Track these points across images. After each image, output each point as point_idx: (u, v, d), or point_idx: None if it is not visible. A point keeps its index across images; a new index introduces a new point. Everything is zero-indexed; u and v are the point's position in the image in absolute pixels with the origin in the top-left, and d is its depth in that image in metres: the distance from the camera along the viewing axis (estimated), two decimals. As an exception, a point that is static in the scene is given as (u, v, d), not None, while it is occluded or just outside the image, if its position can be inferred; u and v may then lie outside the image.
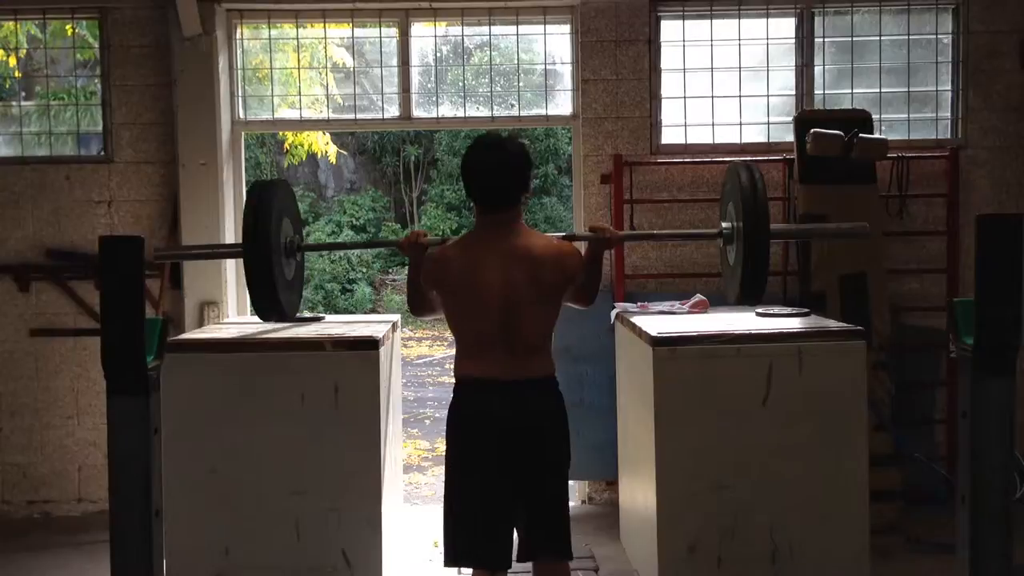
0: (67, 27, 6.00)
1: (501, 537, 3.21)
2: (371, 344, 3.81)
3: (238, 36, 5.73)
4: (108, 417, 2.79)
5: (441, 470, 7.78)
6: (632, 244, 5.55)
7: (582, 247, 3.47)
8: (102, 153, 5.69)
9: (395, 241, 3.70)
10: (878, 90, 5.70)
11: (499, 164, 3.23)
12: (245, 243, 3.78)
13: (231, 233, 5.65)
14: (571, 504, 3.92)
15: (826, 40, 5.72)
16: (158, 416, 2.86)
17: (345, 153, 17.35)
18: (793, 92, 5.71)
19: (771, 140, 5.69)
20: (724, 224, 3.98)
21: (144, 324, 2.72)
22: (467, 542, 3.23)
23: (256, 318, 5.39)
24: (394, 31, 5.74)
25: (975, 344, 2.83)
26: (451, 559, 3.28)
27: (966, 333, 2.87)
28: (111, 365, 2.72)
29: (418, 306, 3.45)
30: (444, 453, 3.34)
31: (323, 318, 4.62)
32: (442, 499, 3.32)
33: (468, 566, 3.34)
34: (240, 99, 5.76)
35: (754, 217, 3.67)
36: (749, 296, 3.83)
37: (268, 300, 3.82)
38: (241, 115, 5.77)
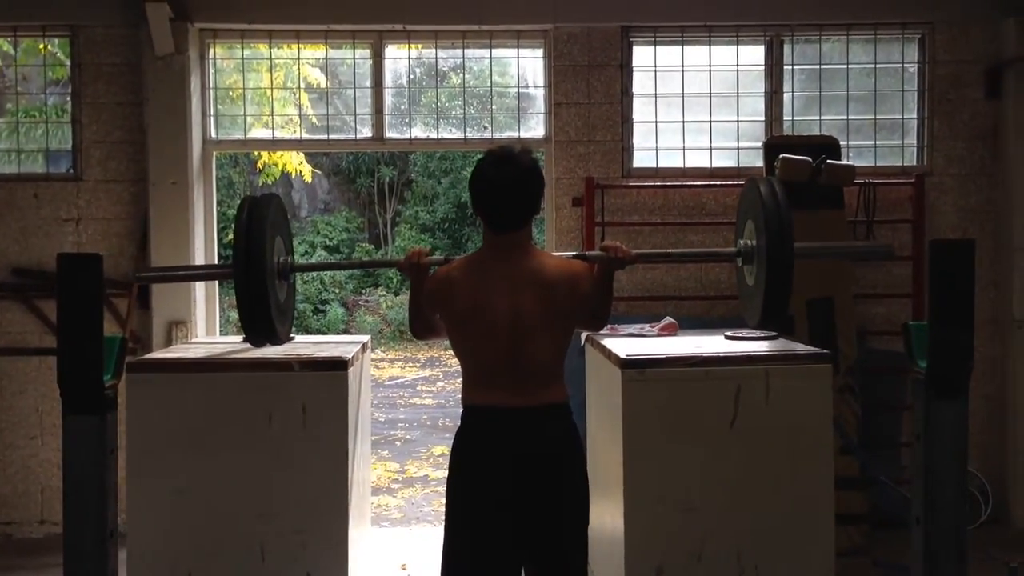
0: (39, 45, 5.98)
1: (506, 570, 3.03)
2: (340, 365, 3.79)
3: (211, 55, 5.73)
4: (63, 436, 2.75)
5: (411, 492, 7.71)
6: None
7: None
8: (71, 171, 5.66)
9: (395, 262, 3.51)
10: (846, 117, 5.79)
11: (510, 183, 3.05)
12: (237, 265, 3.58)
13: (201, 252, 5.63)
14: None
15: (795, 67, 5.81)
16: (115, 436, 2.82)
17: (319, 173, 17.32)
18: (763, 118, 5.78)
19: (741, 165, 5.75)
20: (742, 242, 3.84)
21: (102, 342, 2.68)
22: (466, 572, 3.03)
23: (224, 338, 5.36)
24: (368, 53, 5.76)
25: (928, 367, 2.86)
26: None
27: (920, 356, 2.90)
28: (67, 384, 2.68)
29: (420, 329, 3.30)
30: (445, 486, 3.13)
31: (292, 338, 4.59)
32: (413, 521, 3.24)
33: None
34: (212, 118, 5.75)
35: (779, 234, 3.50)
36: (771, 318, 3.70)
37: (261, 326, 3.68)
38: (213, 134, 5.76)
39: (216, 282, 5.80)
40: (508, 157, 3.09)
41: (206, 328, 5.66)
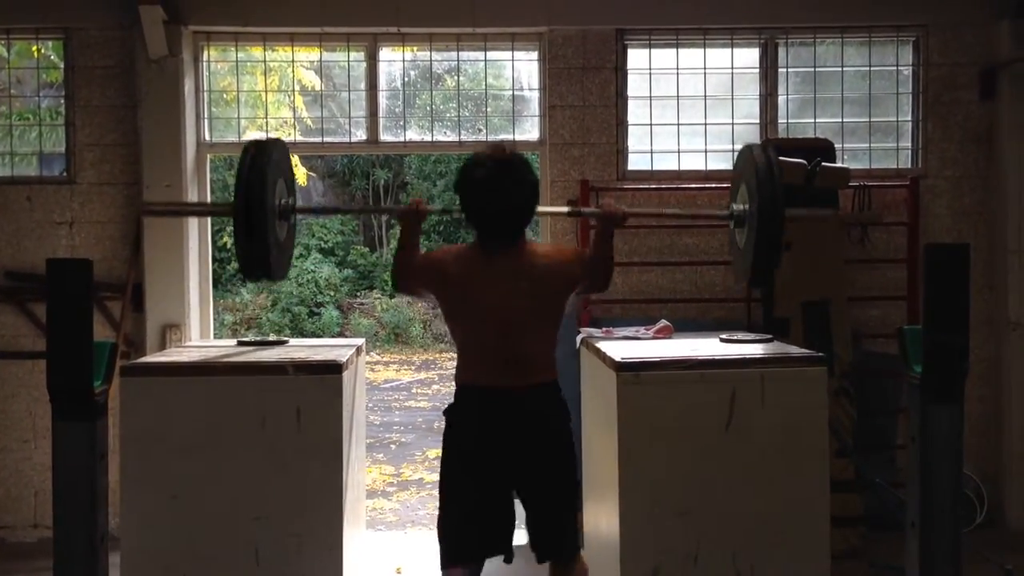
0: (33, 48, 5.96)
1: (500, 532, 3.20)
2: (334, 368, 3.78)
3: (205, 58, 5.72)
4: (53, 443, 2.73)
5: (406, 495, 7.71)
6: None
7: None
8: (64, 174, 5.64)
9: (395, 208, 3.64)
10: (840, 120, 5.79)
11: (510, 194, 3.14)
12: (238, 201, 3.53)
13: (195, 255, 5.62)
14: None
15: (790, 70, 5.81)
16: (105, 441, 2.80)
17: (314, 176, 17.30)
18: (757, 121, 5.79)
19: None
20: (735, 206, 3.88)
21: (92, 348, 2.67)
22: (464, 539, 3.20)
23: (219, 341, 5.35)
24: (362, 55, 5.75)
25: (923, 371, 2.85)
26: (449, 559, 3.25)
27: (915, 361, 2.90)
28: (57, 390, 2.66)
29: (403, 278, 3.36)
30: (440, 456, 3.34)
31: (287, 342, 4.59)
32: (408, 524, 3.29)
33: (466, 562, 3.26)
34: (206, 121, 5.73)
35: (770, 197, 3.56)
36: (759, 278, 3.78)
37: (257, 260, 3.61)
38: (207, 137, 5.74)
39: (210, 286, 5.77)
40: (503, 164, 3.13)
41: (200, 331, 5.65)
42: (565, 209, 4.49)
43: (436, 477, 3.44)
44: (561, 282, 3.22)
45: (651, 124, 5.75)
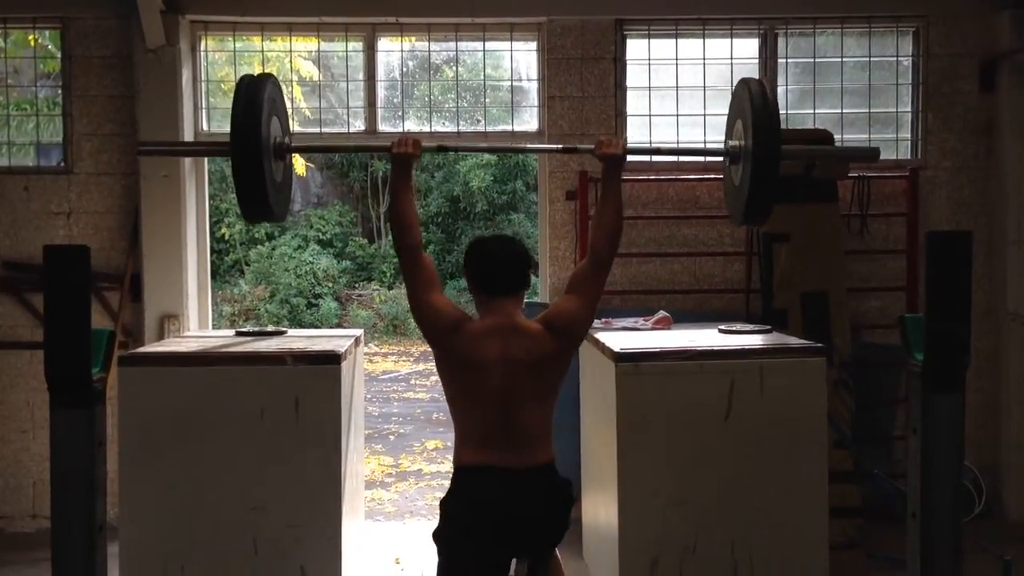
0: (30, 37, 5.94)
1: None
2: (332, 359, 3.78)
3: (202, 48, 5.70)
4: (51, 430, 2.72)
5: (404, 486, 7.72)
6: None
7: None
8: (62, 164, 5.62)
9: (386, 146, 3.43)
10: (840, 110, 5.78)
11: (511, 252, 3.16)
12: (233, 141, 3.43)
13: (193, 245, 5.61)
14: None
15: (789, 61, 5.80)
16: (103, 430, 2.79)
17: (312, 167, 17.28)
18: (757, 111, 5.76)
19: (735, 158, 5.73)
20: (731, 142, 3.75)
21: (90, 336, 2.66)
22: None
23: (217, 332, 5.34)
24: (360, 45, 5.73)
25: (925, 360, 2.84)
26: None
27: (916, 349, 2.88)
28: (55, 377, 2.65)
29: (398, 217, 3.21)
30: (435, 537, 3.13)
31: (285, 332, 4.58)
32: (406, 515, 3.24)
33: None
34: (204, 111, 5.71)
35: (766, 132, 3.43)
36: (754, 215, 3.64)
37: (257, 201, 3.53)
38: (204, 127, 5.72)
39: (208, 276, 5.77)
40: (504, 237, 3.30)
41: (198, 322, 5.64)
42: (559, 146, 4.39)
43: (435, 468, 3.42)
44: (559, 328, 3.08)
45: (650, 115, 5.73)
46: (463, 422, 3.08)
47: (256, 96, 3.45)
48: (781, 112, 5.69)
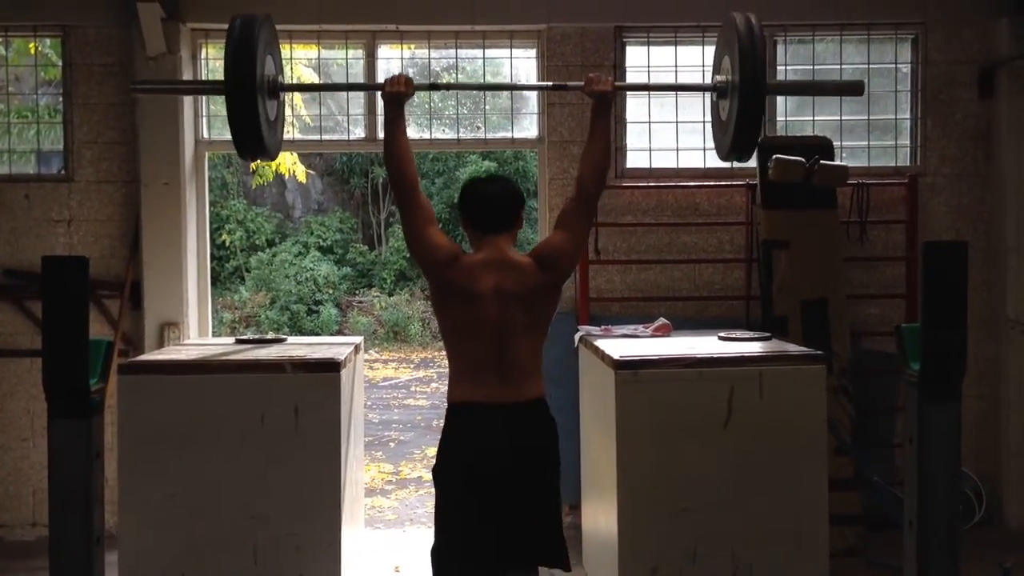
0: (31, 45, 5.95)
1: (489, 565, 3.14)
2: (332, 366, 3.78)
3: (203, 55, 5.71)
4: (49, 441, 2.73)
5: (405, 494, 7.70)
6: (596, 268, 5.58)
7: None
8: (62, 172, 5.63)
9: (380, 85, 3.53)
10: (839, 117, 5.79)
11: (503, 191, 3.32)
12: (228, 78, 3.47)
13: (193, 253, 5.61)
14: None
15: (788, 67, 5.80)
16: (101, 440, 2.79)
17: (313, 173, 17.29)
18: (756, 118, 5.76)
19: (734, 165, 5.73)
20: (718, 77, 3.78)
21: (88, 346, 2.66)
22: (455, 570, 3.15)
23: (217, 339, 5.35)
24: (361, 53, 5.75)
25: (921, 370, 2.85)
26: None
27: (913, 359, 2.89)
28: (53, 388, 2.66)
29: (393, 155, 3.31)
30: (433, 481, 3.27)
31: (285, 339, 4.59)
32: (407, 523, 3.28)
33: None
34: (204, 119, 5.73)
35: (751, 67, 3.45)
36: (739, 149, 3.65)
37: (251, 138, 3.55)
38: (205, 135, 5.74)
39: (208, 284, 5.77)
40: (495, 175, 3.49)
41: (198, 329, 5.64)
42: (549, 83, 4.40)
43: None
44: (546, 262, 3.22)
45: (649, 122, 5.74)
46: (457, 356, 3.23)
47: (250, 35, 3.46)
48: (780, 119, 5.75)
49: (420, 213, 3.27)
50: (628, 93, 5.72)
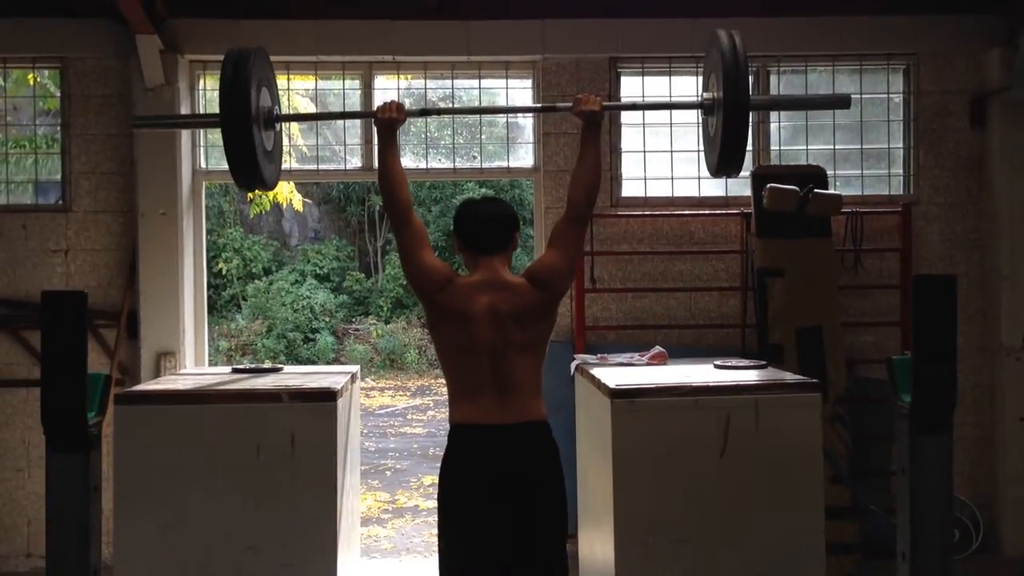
0: (29, 76, 5.99)
1: None
2: (328, 396, 3.78)
3: (201, 87, 5.75)
4: (46, 475, 2.72)
5: (401, 523, 7.66)
6: (592, 297, 5.60)
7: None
8: (60, 202, 5.65)
9: (372, 113, 3.58)
10: (832, 147, 5.83)
11: (498, 212, 3.35)
12: (223, 111, 3.54)
13: (190, 282, 5.62)
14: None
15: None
16: (99, 474, 2.79)
17: (310, 202, 17.35)
18: (750, 148, 5.80)
19: (729, 194, 5.78)
20: (705, 94, 3.91)
21: (86, 380, 2.66)
22: None
23: (213, 369, 5.34)
24: (358, 83, 5.79)
25: (912, 402, 2.86)
26: None
27: (904, 391, 2.90)
28: (51, 423, 2.65)
29: (387, 179, 3.33)
30: (436, 504, 3.29)
31: (281, 368, 4.58)
32: (403, 552, 3.26)
33: None
34: (202, 148, 5.76)
35: (735, 82, 3.56)
36: (727, 165, 3.75)
37: (248, 170, 3.60)
38: (202, 165, 5.77)
39: (204, 314, 5.77)
40: (490, 197, 3.45)
41: (195, 359, 5.64)
42: (538, 105, 4.42)
43: (432, 504, 3.44)
44: (540, 281, 3.23)
45: (644, 151, 5.78)
46: (454, 378, 3.25)
47: (244, 68, 3.52)
48: (774, 148, 5.80)
49: (414, 234, 3.31)
50: (624, 123, 5.76)
